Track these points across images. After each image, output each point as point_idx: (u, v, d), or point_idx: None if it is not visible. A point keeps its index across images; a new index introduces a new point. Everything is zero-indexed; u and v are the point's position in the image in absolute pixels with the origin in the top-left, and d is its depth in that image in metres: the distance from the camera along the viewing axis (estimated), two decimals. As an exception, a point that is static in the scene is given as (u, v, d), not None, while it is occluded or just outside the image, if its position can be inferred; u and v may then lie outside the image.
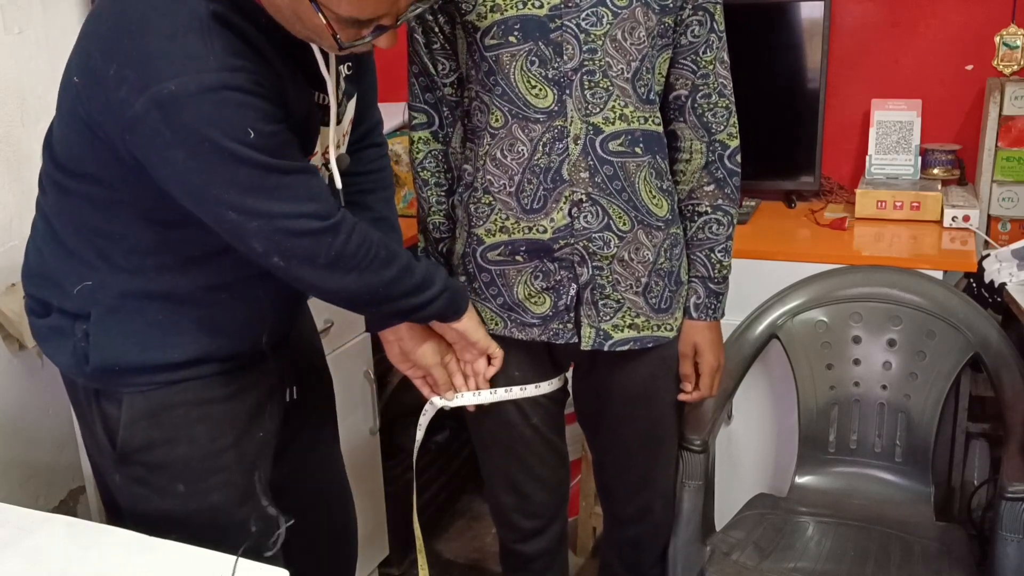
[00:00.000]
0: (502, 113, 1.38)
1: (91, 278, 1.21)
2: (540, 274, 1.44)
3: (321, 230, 1.15)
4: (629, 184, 1.40)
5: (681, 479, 1.67)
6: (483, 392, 1.51)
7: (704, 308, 1.53)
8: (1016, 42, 2.17)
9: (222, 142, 1.04)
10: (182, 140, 1.04)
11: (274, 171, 1.09)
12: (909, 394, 1.87)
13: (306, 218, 1.13)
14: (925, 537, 1.73)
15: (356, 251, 1.19)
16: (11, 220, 1.80)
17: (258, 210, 1.10)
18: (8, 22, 1.79)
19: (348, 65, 1.27)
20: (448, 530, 2.55)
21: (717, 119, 1.47)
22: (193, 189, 1.09)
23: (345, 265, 1.18)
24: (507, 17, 1.33)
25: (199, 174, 1.07)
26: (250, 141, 1.05)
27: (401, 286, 1.27)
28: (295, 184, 1.12)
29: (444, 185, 1.54)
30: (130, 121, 1.04)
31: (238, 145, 1.05)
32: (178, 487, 1.26)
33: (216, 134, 1.03)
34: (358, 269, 1.20)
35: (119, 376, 1.23)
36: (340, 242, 1.16)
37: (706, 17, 1.42)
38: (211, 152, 1.04)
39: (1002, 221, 2.19)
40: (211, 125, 1.03)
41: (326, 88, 1.20)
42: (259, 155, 1.07)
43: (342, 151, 1.31)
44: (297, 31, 1.10)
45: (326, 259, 1.16)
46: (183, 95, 1.01)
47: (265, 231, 1.12)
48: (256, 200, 1.09)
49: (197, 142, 1.04)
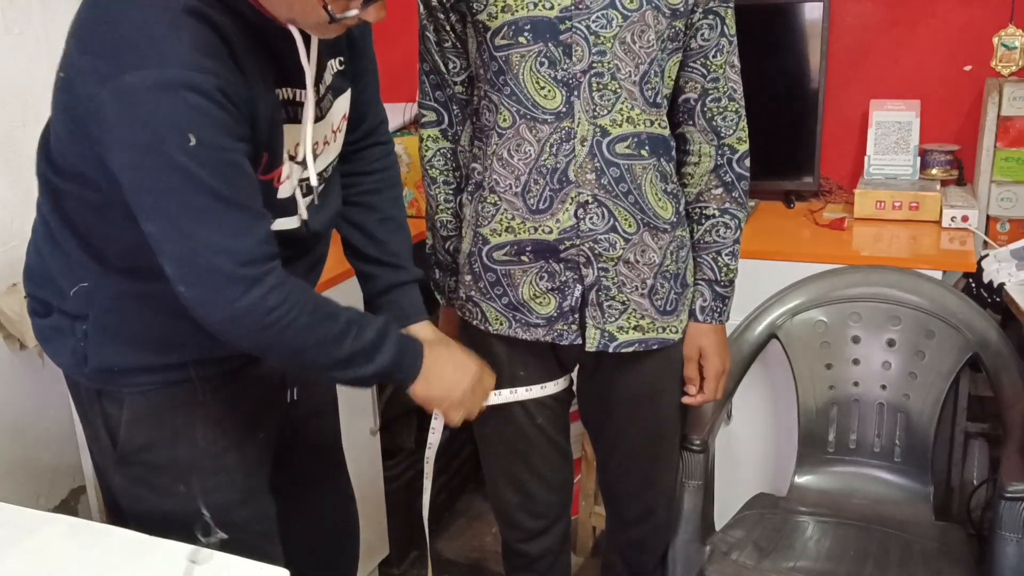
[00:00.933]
0: (510, 113, 1.39)
1: (87, 279, 1.20)
2: (545, 274, 1.44)
3: (233, 275, 1.07)
4: (635, 187, 1.40)
5: (681, 479, 1.68)
6: (501, 393, 1.50)
7: (710, 311, 1.53)
8: (1014, 43, 2.18)
9: (163, 144, 1.00)
10: (128, 134, 1.01)
11: (205, 192, 1.03)
12: (908, 394, 1.88)
13: (224, 255, 1.06)
14: (924, 537, 1.73)
15: (271, 310, 1.10)
16: (11, 220, 1.81)
17: (178, 228, 1.05)
18: (8, 22, 1.79)
19: (340, 60, 1.25)
20: (448, 530, 2.55)
21: (727, 123, 1.47)
22: (129, 189, 1.05)
23: (253, 322, 1.10)
24: (518, 18, 1.34)
25: (134, 172, 1.03)
26: (191, 149, 1.00)
27: (327, 357, 1.18)
28: (224, 213, 1.05)
29: (452, 183, 1.54)
30: (94, 111, 1.01)
31: (177, 151, 1.00)
32: (179, 488, 1.26)
33: (160, 133, 1.00)
34: (271, 329, 1.11)
35: (119, 376, 1.23)
36: (254, 296, 1.08)
37: (717, 21, 1.42)
38: (150, 153, 1.01)
39: (1001, 221, 2.20)
40: (159, 123, 1.00)
41: (304, 82, 1.16)
42: (195, 167, 1.01)
43: (331, 149, 1.28)
44: (282, 13, 1.07)
45: (230, 307, 1.08)
46: (140, 88, 0.98)
47: (177, 253, 1.06)
48: (178, 216, 1.04)
49: (140, 139, 1.00)
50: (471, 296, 1.51)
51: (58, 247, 1.22)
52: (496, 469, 1.65)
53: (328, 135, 1.26)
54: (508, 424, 1.58)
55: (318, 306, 1.16)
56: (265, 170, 1.14)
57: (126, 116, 1.00)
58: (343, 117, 1.30)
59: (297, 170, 1.20)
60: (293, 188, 1.20)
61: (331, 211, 1.32)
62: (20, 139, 1.81)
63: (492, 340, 1.52)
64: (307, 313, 1.13)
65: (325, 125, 1.25)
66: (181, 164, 1.01)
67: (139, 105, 0.99)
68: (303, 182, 1.22)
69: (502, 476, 1.65)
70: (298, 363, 1.20)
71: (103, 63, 1.01)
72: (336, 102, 1.27)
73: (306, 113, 1.18)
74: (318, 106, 1.21)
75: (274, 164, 1.16)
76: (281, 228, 1.20)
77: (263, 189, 1.14)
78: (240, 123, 1.06)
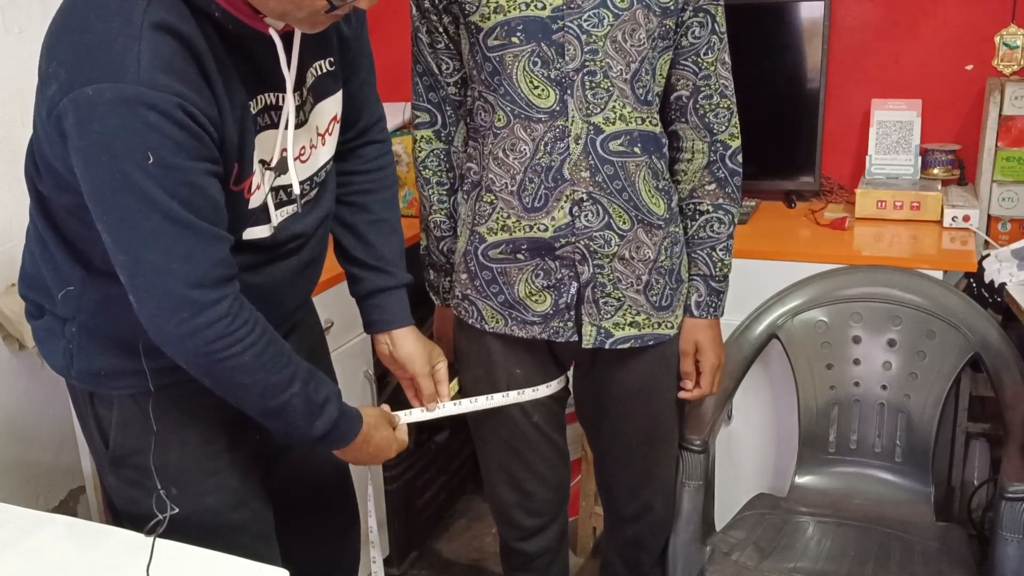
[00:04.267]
0: (504, 113, 1.39)
1: (73, 283, 1.19)
2: (541, 272, 1.45)
3: (182, 297, 1.05)
4: (629, 184, 1.41)
5: (681, 479, 1.68)
6: (479, 399, 1.50)
7: (705, 306, 1.54)
8: (1016, 42, 2.17)
9: (117, 161, 0.99)
10: (86, 147, 1.00)
11: (158, 212, 1.01)
12: (909, 394, 1.87)
13: (172, 277, 1.04)
14: (925, 537, 1.73)
15: (215, 339, 1.07)
16: (11, 220, 1.81)
17: (128, 244, 1.03)
18: (8, 22, 1.79)
19: (330, 61, 1.23)
20: (448, 530, 2.55)
21: (719, 120, 1.48)
22: (87, 197, 1.03)
23: (194, 347, 1.08)
24: (510, 18, 1.34)
25: (92, 185, 1.02)
26: (147, 167, 0.99)
27: (260, 402, 1.16)
28: (177, 236, 1.03)
29: (446, 184, 1.54)
30: (55, 119, 1.01)
31: (133, 167, 0.99)
32: (171, 490, 1.24)
33: (115, 149, 0.98)
34: (210, 358, 1.09)
35: (106, 379, 1.22)
36: (199, 322, 1.06)
37: (707, 19, 1.43)
38: (105, 168, 1.00)
39: (1002, 221, 2.19)
40: (114, 139, 0.98)
41: (284, 87, 1.14)
42: (150, 187, 1.00)
43: (320, 153, 1.25)
44: (271, 8, 1.05)
45: (174, 329, 1.07)
46: (98, 102, 0.97)
47: (127, 267, 1.05)
48: (129, 234, 1.03)
49: (96, 153, 0.99)
50: (467, 295, 1.51)
51: (46, 250, 1.21)
52: (493, 468, 1.65)
53: (313, 139, 1.24)
54: (505, 423, 1.58)
55: (268, 349, 1.13)
56: (236, 181, 1.12)
57: (84, 128, 0.99)
58: (333, 119, 1.28)
59: (270, 177, 1.17)
60: (265, 196, 1.17)
61: (321, 212, 1.30)
62: (20, 139, 1.80)
63: (488, 338, 1.52)
64: (252, 353, 1.11)
65: (308, 130, 1.22)
66: (135, 182, 0.99)
67: (96, 120, 0.98)
68: (283, 189, 1.20)
69: (499, 475, 1.65)
70: (232, 398, 1.16)
71: (65, 72, 1.00)
72: (321, 105, 1.24)
73: (288, 120, 1.16)
74: (301, 110, 1.19)
75: (244, 175, 1.13)
76: (253, 237, 1.18)
77: (234, 200, 1.12)
78: (202, 143, 1.04)
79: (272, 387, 1.15)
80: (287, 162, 1.18)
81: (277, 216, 1.21)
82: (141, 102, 0.97)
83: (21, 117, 1.82)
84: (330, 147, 1.28)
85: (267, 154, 1.16)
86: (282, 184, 1.20)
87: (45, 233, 1.20)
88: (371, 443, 1.30)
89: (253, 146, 1.13)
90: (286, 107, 1.15)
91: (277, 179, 1.18)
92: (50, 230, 1.19)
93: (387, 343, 1.44)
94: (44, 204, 1.18)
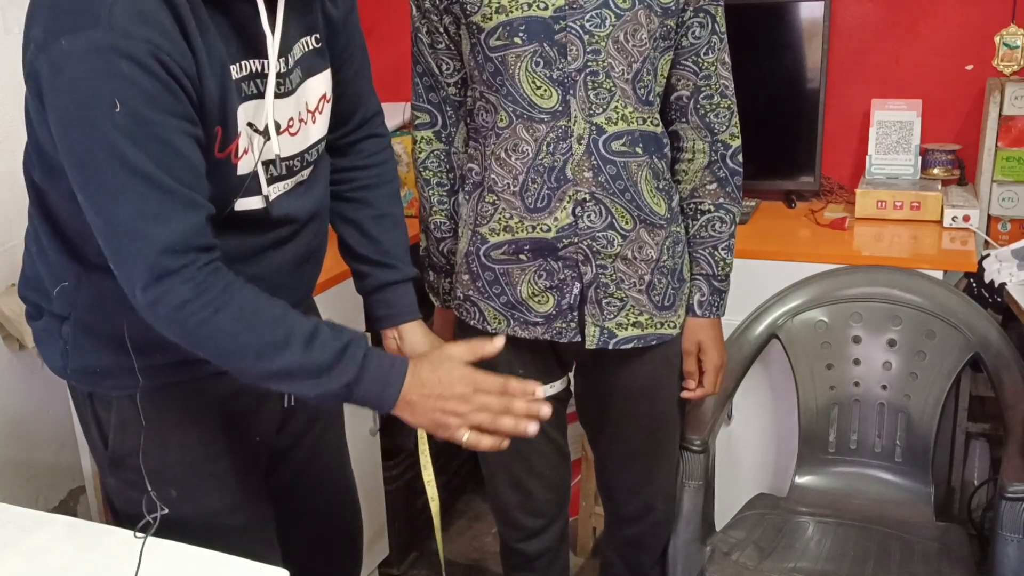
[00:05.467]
0: (507, 113, 1.39)
1: (68, 278, 1.18)
2: (544, 273, 1.45)
3: (150, 263, 1.00)
4: (631, 184, 1.42)
5: (681, 479, 1.68)
6: None
7: (708, 305, 1.54)
8: (1016, 42, 2.17)
9: (87, 110, 0.95)
10: (59, 101, 0.97)
11: (127, 169, 0.97)
12: (909, 394, 1.87)
13: (141, 240, 0.99)
14: (925, 537, 1.73)
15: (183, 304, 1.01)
16: (11, 220, 1.80)
17: (100, 205, 1.00)
18: (8, 22, 1.79)
19: (316, 38, 1.21)
20: (448, 530, 2.55)
21: (719, 119, 1.49)
22: (65, 163, 1.00)
23: (165, 314, 1.03)
24: (512, 18, 1.34)
25: (66, 143, 0.99)
26: (116, 119, 0.95)
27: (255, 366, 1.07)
28: (145, 195, 0.98)
29: (446, 185, 1.54)
30: (34, 82, 0.98)
31: (102, 119, 0.95)
32: (170, 492, 1.23)
33: (86, 98, 0.95)
34: (184, 325, 1.03)
35: (102, 378, 1.21)
36: (164, 287, 1.01)
37: (707, 19, 1.44)
38: (76, 122, 0.97)
39: (1002, 221, 2.19)
40: (85, 87, 0.95)
41: (266, 52, 1.10)
42: (119, 139, 0.96)
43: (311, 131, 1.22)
44: None
45: (142, 294, 1.02)
46: (72, 52, 0.95)
47: (101, 229, 1.01)
48: (99, 193, 0.99)
49: (68, 107, 0.97)
50: (469, 295, 1.51)
51: (42, 248, 1.20)
52: (495, 468, 1.65)
53: (303, 114, 1.21)
54: (506, 423, 1.57)
55: (248, 310, 1.05)
56: (221, 147, 1.09)
57: (57, 82, 0.96)
58: (323, 98, 1.24)
59: (259, 143, 1.13)
60: (255, 164, 1.13)
61: (314, 199, 1.26)
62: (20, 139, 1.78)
63: None
64: (228, 315, 1.04)
65: (297, 102, 1.19)
66: (104, 134, 0.96)
67: (69, 70, 0.95)
68: (272, 164, 1.16)
69: (501, 474, 1.65)
70: (233, 368, 1.09)
71: (41, 31, 0.98)
72: (309, 82, 1.21)
73: (269, 82, 1.11)
74: (287, 79, 1.16)
75: (228, 139, 1.09)
76: (244, 208, 1.14)
77: (221, 169, 1.09)
78: (177, 99, 1.00)
79: (267, 348, 1.06)
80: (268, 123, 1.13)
81: (271, 191, 1.17)
82: (112, 49, 0.94)
83: (21, 117, 1.81)
84: (321, 126, 1.25)
85: (256, 121, 1.13)
86: (271, 159, 1.17)
87: (41, 229, 1.19)
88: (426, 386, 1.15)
89: (236, 110, 1.10)
90: (270, 71, 1.12)
91: (266, 147, 1.15)
92: (46, 225, 1.18)
93: (395, 338, 1.42)
94: (41, 198, 1.18)
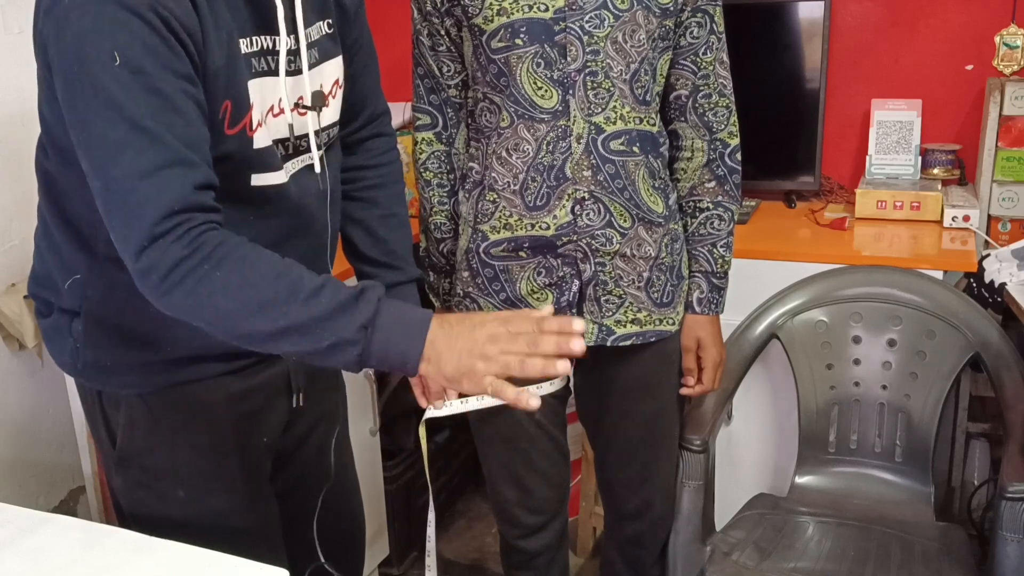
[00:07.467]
0: (508, 113, 1.41)
1: (79, 271, 1.18)
2: (543, 270, 1.46)
3: (147, 223, 0.96)
4: (630, 182, 1.43)
5: (681, 479, 1.68)
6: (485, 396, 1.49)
7: (707, 302, 1.56)
8: (1016, 42, 2.17)
9: (87, 62, 0.94)
10: (60, 57, 0.96)
11: (125, 121, 0.95)
12: (909, 394, 1.87)
13: (136, 196, 0.96)
14: (925, 537, 1.73)
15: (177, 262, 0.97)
16: (11, 220, 1.80)
17: (99, 165, 0.97)
18: (8, 22, 1.79)
19: (328, 23, 1.21)
20: (448, 530, 2.55)
21: (718, 118, 1.50)
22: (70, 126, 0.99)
23: (159, 279, 0.98)
24: (513, 20, 1.36)
25: (69, 103, 0.98)
26: (115, 71, 0.94)
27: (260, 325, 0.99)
28: (144, 148, 0.96)
29: (446, 186, 1.55)
30: (41, 50, 0.98)
31: (100, 70, 0.94)
32: (178, 492, 1.24)
33: (85, 49, 0.94)
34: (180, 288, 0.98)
35: (111, 374, 1.21)
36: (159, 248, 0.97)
37: (705, 19, 1.45)
38: (77, 78, 0.96)
39: (1002, 221, 2.19)
40: (84, 38, 0.94)
41: (278, 29, 1.09)
42: (117, 90, 0.94)
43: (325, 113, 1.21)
44: None
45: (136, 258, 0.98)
46: (72, 6, 0.95)
47: (101, 196, 0.99)
48: (99, 152, 0.97)
49: (69, 58, 0.96)
50: (468, 292, 1.52)
51: (52, 241, 1.20)
52: (495, 466, 1.65)
53: (316, 97, 1.20)
54: (507, 421, 1.58)
55: (248, 263, 1.00)
56: (232, 123, 1.07)
57: (62, 42, 0.96)
58: (336, 83, 1.24)
59: (272, 120, 1.12)
60: (271, 138, 1.12)
61: (328, 184, 1.25)
62: (20, 139, 1.81)
63: None
64: (227, 270, 0.98)
65: (312, 83, 1.18)
66: (104, 86, 0.95)
67: (70, 26, 0.95)
68: (280, 143, 1.15)
69: (501, 472, 1.65)
70: (236, 332, 1.01)
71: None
72: (323, 66, 1.21)
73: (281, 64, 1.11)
74: (301, 57, 1.15)
75: (240, 114, 1.08)
76: (264, 184, 1.13)
77: (237, 143, 1.08)
78: (177, 56, 0.99)
79: (272, 302, 0.99)
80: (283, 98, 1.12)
81: (287, 167, 1.16)
82: (112, 0, 0.94)
83: (21, 117, 1.82)
84: (334, 110, 1.25)
85: (270, 96, 1.12)
86: (281, 137, 1.15)
87: (52, 222, 1.19)
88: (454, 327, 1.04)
89: (247, 85, 1.09)
90: (280, 43, 1.11)
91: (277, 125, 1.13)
92: (56, 218, 1.18)
93: None
94: (52, 189, 1.17)
